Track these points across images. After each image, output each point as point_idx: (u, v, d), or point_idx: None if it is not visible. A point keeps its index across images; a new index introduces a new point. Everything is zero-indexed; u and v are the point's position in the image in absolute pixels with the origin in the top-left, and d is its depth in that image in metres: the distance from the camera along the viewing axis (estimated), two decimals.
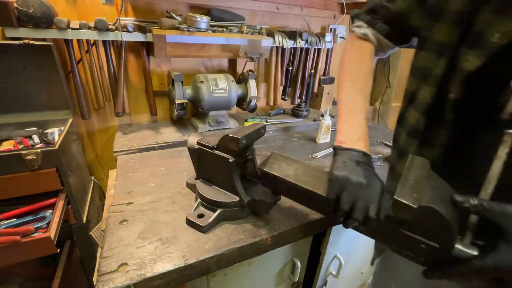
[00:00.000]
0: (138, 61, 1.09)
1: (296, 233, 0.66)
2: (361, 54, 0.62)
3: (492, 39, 0.37)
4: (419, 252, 0.43)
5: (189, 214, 0.63)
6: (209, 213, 0.63)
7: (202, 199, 0.65)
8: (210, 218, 0.61)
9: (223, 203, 0.63)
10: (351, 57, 0.63)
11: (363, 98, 0.57)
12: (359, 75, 0.60)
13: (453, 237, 0.38)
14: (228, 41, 1.09)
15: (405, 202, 0.37)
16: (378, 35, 0.61)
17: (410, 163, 0.43)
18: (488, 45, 0.38)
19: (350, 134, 0.52)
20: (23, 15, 0.79)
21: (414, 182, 0.39)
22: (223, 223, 0.64)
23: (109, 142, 1.15)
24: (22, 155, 0.72)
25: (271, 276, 0.79)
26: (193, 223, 0.61)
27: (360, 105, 0.56)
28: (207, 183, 0.69)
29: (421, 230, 0.41)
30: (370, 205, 0.44)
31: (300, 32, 1.25)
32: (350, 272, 1.04)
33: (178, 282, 0.53)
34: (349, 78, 0.60)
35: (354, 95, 0.57)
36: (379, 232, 0.47)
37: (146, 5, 1.03)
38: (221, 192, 0.66)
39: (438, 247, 0.40)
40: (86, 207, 0.97)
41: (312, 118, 1.39)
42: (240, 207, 0.64)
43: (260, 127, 0.64)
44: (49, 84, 0.92)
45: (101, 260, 0.52)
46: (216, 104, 1.09)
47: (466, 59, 0.40)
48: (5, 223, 0.73)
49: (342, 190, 0.45)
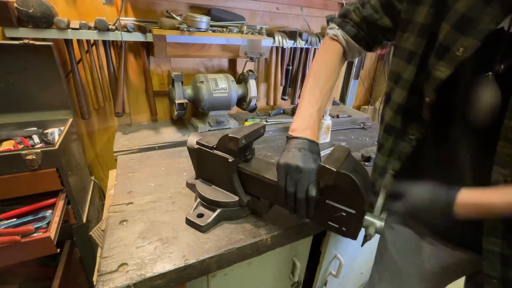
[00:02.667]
0: (138, 61, 1.09)
1: (296, 233, 0.66)
2: (328, 54, 0.67)
3: (457, 52, 0.43)
4: (341, 221, 0.52)
5: (189, 214, 0.63)
6: (208, 213, 0.63)
7: (201, 199, 0.65)
8: (209, 218, 0.61)
9: (222, 203, 0.63)
10: (319, 56, 0.68)
11: (321, 93, 0.62)
12: (322, 73, 0.65)
13: (364, 201, 0.47)
14: (228, 41, 1.09)
15: (327, 167, 0.47)
16: (347, 36, 0.65)
17: (335, 149, 0.53)
18: (454, 57, 0.44)
19: (300, 123, 0.58)
20: (23, 15, 0.79)
21: (336, 158, 0.49)
22: (223, 223, 0.64)
23: (109, 142, 1.15)
24: (22, 155, 0.72)
25: (271, 276, 0.79)
26: (193, 223, 0.61)
27: (316, 99, 0.61)
28: (206, 183, 0.69)
29: (341, 199, 0.51)
30: (309, 185, 0.51)
31: (300, 32, 1.25)
32: (350, 272, 1.04)
33: (178, 282, 0.53)
34: (313, 75, 0.65)
35: (313, 90, 0.63)
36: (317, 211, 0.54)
37: (146, 5, 1.03)
38: (220, 192, 0.66)
39: (354, 212, 0.50)
40: (86, 207, 0.97)
41: None
42: (240, 207, 0.64)
43: (259, 127, 0.64)
44: (49, 84, 0.92)
45: (101, 260, 0.52)
46: (216, 104, 1.09)
47: (438, 69, 0.46)
48: (5, 223, 0.73)
49: (287, 175, 0.52)
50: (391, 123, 0.58)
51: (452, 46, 0.44)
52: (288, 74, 1.39)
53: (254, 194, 0.64)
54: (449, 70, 0.45)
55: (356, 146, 1.14)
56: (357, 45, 0.66)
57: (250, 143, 0.64)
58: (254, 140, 0.65)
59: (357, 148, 1.13)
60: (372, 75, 1.88)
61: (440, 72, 0.46)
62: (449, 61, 0.44)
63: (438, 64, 0.46)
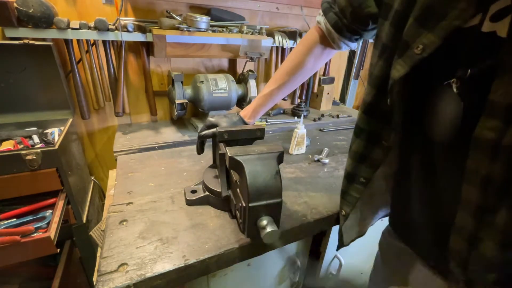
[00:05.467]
0: (138, 61, 1.09)
1: (296, 233, 0.66)
2: (302, 44, 0.68)
3: (415, 50, 0.37)
4: (241, 213, 0.54)
5: (188, 187, 0.71)
6: (200, 192, 0.69)
7: (202, 180, 0.71)
8: (196, 196, 0.67)
9: (208, 188, 0.67)
10: (296, 46, 0.72)
11: (275, 84, 0.70)
12: (287, 63, 0.69)
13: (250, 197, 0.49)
14: (228, 41, 1.09)
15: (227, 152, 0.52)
16: (328, 24, 0.61)
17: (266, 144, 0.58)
18: (413, 55, 0.37)
19: (248, 106, 0.73)
20: (23, 15, 0.79)
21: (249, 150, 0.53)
22: (210, 208, 0.68)
23: (109, 142, 1.15)
24: (22, 155, 0.72)
25: (271, 276, 0.78)
26: (184, 194, 0.69)
27: (269, 88, 0.71)
28: (214, 168, 0.75)
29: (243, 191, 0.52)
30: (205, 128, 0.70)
31: (300, 32, 1.25)
32: (350, 272, 1.04)
33: (178, 282, 0.53)
34: (282, 64, 0.70)
35: (272, 80, 0.70)
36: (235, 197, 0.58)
37: (146, 5, 1.03)
38: (215, 178, 0.70)
39: (244, 206, 0.51)
40: (86, 207, 0.97)
41: (312, 118, 1.39)
42: (221, 198, 0.64)
43: (256, 129, 0.65)
44: (49, 84, 0.92)
45: (101, 260, 0.51)
46: (216, 104, 1.09)
47: (394, 67, 0.40)
48: (5, 223, 0.73)
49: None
50: (359, 124, 0.53)
51: (412, 43, 0.37)
52: None
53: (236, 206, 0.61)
54: (403, 70, 0.39)
55: None
56: (337, 35, 0.61)
57: (247, 141, 0.65)
58: (250, 140, 0.66)
59: None
60: None
61: (395, 71, 0.40)
62: (407, 59, 0.38)
63: (396, 62, 0.40)
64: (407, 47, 0.38)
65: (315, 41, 0.65)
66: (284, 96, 0.75)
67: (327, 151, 1.04)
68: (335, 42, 0.63)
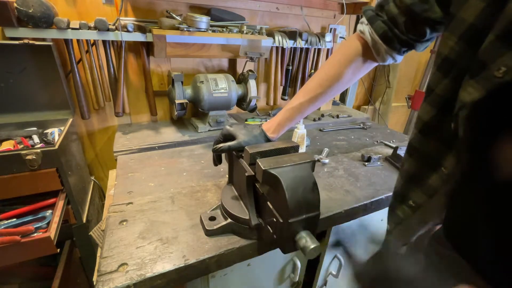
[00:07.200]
0: (138, 61, 1.09)
1: None
2: (341, 54, 0.61)
3: (496, 73, 0.30)
4: (275, 228, 0.50)
5: (204, 212, 0.63)
6: (220, 219, 0.61)
7: (221, 203, 0.63)
8: (217, 225, 0.59)
9: (233, 216, 0.59)
10: (332, 56, 0.63)
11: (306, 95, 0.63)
12: (321, 74, 0.62)
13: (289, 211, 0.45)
14: (228, 41, 1.09)
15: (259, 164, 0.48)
16: (374, 34, 0.55)
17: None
18: (491, 78, 0.31)
19: (272, 119, 0.66)
20: (23, 15, 0.79)
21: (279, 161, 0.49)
22: (231, 235, 0.60)
23: (109, 142, 1.15)
24: (22, 155, 0.71)
25: (271, 276, 0.79)
26: (202, 223, 0.60)
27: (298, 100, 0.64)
28: (233, 189, 0.67)
29: (276, 204, 0.49)
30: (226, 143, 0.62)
31: (300, 32, 1.25)
32: (350, 272, 1.04)
33: (178, 282, 0.53)
34: (315, 75, 0.63)
35: (302, 91, 0.64)
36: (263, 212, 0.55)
37: (146, 5, 1.03)
38: (239, 203, 0.62)
39: (282, 221, 0.47)
40: (86, 207, 0.97)
41: (312, 118, 1.39)
42: (248, 227, 0.58)
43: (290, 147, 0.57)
44: (49, 84, 0.92)
45: (101, 260, 0.52)
46: (216, 104, 1.09)
47: (465, 89, 0.34)
48: (5, 223, 0.73)
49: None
50: (413, 143, 0.48)
51: (491, 63, 0.31)
52: (288, 74, 1.39)
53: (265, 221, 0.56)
54: (478, 94, 0.32)
55: (356, 146, 1.14)
56: (385, 46, 0.54)
57: None
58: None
59: (357, 148, 1.13)
60: (372, 75, 1.88)
61: (466, 94, 0.34)
62: (482, 82, 0.32)
63: (467, 83, 0.34)
64: (484, 67, 0.32)
65: (356, 52, 0.59)
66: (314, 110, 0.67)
67: (327, 151, 1.04)
68: (380, 54, 0.57)
